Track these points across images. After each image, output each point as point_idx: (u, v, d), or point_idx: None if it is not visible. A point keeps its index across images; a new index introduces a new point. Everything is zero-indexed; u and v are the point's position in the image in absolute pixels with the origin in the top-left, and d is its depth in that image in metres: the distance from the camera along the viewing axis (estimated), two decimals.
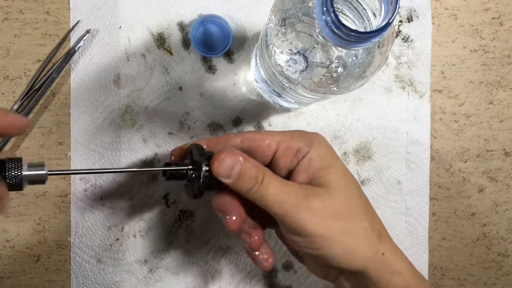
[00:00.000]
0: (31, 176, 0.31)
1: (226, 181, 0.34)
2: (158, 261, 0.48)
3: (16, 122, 0.31)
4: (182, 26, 0.48)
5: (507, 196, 0.50)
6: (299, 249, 0.36)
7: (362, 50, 0.33)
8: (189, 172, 0.36)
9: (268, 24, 0.34)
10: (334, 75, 0.34)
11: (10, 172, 0.31)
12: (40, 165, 0.31)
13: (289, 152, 0.36)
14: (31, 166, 0.31)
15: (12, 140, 0.47)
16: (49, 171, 0.32)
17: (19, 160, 0.31)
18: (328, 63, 0.34)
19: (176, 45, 0.48)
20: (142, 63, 0.48)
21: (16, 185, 0.31)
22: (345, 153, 0.49)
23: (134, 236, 0.48)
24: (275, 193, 0.34)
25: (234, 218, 0.36)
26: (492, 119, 0.50)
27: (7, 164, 0.31)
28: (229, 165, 0.34)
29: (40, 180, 0.32)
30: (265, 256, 0.38)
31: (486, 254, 0.50)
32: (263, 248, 0.38)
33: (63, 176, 0.48)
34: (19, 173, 0.31)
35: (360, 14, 0.33)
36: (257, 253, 0.38)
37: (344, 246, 0.35)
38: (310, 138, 0.37)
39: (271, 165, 0.37)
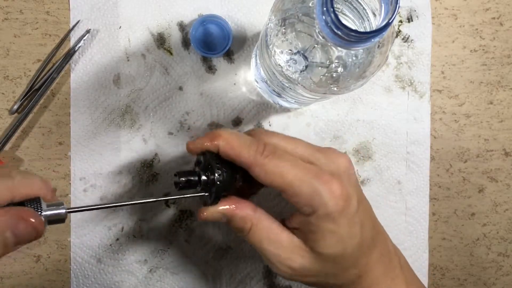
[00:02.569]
0: (51, 216, 0.30)
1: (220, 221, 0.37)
2: (158, 261, 0.48)
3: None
4: (182, 26, 0.48)
5: (507, 196, 0.50)
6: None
7: (362, 50, 0.33)
8: (201, 180, 0.36)
9: (268, 24, 0.34)
10: (334, 75, 0.34)
11: None
12: (59, 204, 0.30)
13: (291, 202, 0.35)
14: (50, 205, 0.30)
15: (12, 140, 0.47)
16: (67, 209, 0.30)
17: (38, 201, 0.30)
18: (328, 63, 0.34)
19: (176, 45, 0.48)
20: (142, 63, 0.48)
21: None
22: (345, 153, 0.49)
23: (134, 236, 0.48)
24: (261, 245, 0.36)
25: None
26: (492, 119, 0.50)
27: (26, 205, 0.29)
28: (216, 218, 0.36)
29: (59, 219, 0.30)
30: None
31: (486, 254, 0.50)
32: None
33: (63, 177, 0.48)
34: (39, 213, 0.30)
35: (360, 14, 0.33)
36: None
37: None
38: (317, 200, 0.33)
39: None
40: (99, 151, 0.48)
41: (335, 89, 0.34)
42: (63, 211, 0.30)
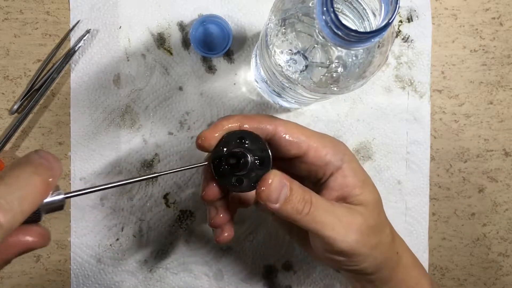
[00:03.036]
0: (47, 205, 0.27)
1: (273, 206, 0.31)
2: (158, 261, 0.48)
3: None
4: (182, 26, 0.48)
5: (507, 196, 0.50)
6: (337, 265, 0.36)
7: (362, 50, 0.33)
8: (249, 160, 0.32)
9: (268, 24, 0.34)
10: (334, 75, 0.34)
11: None
12: (55, 190, 0.27)
13: (318, 161, 0.34)
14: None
15: (12, 140, 0.47)
16: (66, 193, 0.28)
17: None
18: (328, 63, 0.34)
19: (176, 45, 0.48)
20: (142, 63, 0.48)
21: (34, 218, 0.27)
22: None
23: (134, 236, 0.48)
24: (325, 217, 0.32)
25: (226, 234, 0.36)
26: (492, 119, 0.50)
27: None
28: (277, 189, 0.31)
29: (58, 206, 0.27)
30: (225, 233, 0.36)
31: (486, 254, 0.50)
32: (228, 228, 0.37)
33: (63, 177, 0.48)
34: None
35: (360, 14, 0.33)
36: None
37: (376, 259, 0.35)
38: (341, 151, 0.35)
39: (292, 166, 0.36)
40: (99, 151, 0.48)
41: (335, 89, 0.34)
42: (61, 196, 0.27)
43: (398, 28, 0.49)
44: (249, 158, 0.32)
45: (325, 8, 0.28)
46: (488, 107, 0.50)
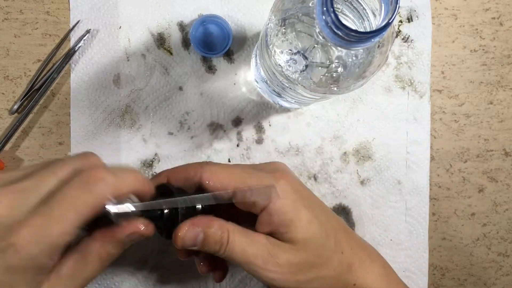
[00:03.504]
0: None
1: (193, 248, 0.35)
2: (158, 261, 0.48)
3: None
4: (182, 26, 0.48)
5: (507, 196, 0.50)
6: None
7: (362, 50, 0.33)
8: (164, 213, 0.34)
9: (268, 24, 0.34)
10: (334, 75, 0.34)
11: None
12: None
13: (246, 202, 0.35)
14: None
15: (12, 140, 0.47)
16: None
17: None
18: (328, 63, 0.34)
19: (176, 45, 0.48)
20: (142, 63, 0.48)
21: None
22: (345, 153, 0.49)
23: None
24: (242, 253, 0.34)
25: (219, 274, 0.40)
26: (492, 119, 0.50)
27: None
28: (192, 237, 0.34)
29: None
30: (218, 274, 0.40)
31: (486, 254, 0.50)
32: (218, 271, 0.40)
33: None
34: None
35: (360, 14, 0.33)
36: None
37: None
38: (268, 189, 0.35)
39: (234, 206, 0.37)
40: (99, 151, 0.48)
41: (335, 89, 0.34)
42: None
43: (398, 28, 0.49)
44: (164, 213, 0.34)
45: (325, 8, 0.28)
46: (488, 107, 0.50)
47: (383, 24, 0.28)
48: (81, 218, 0.28)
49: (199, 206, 0.35)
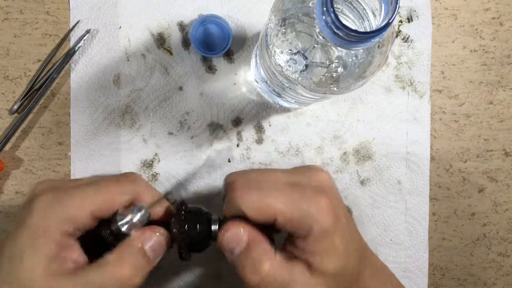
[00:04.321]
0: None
1: (228, 254, 0.35)
2: (158, 261, 0.48)
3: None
4: (182, 26, 0.48)
5: (507, 196, 0.50)
6: None
7: (362, 50, 0.33)
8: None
9: (268, 24, 0.34)
10: (334, 75, 0.34)
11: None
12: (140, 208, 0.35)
13: (286, 229, 0.34)
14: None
15: (12, 140, 0.47)
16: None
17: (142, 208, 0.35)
18: (328, 63, 0.34)
19: (176, 45, 0.48)
20: (142, 63, 0.48)
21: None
22: (345, 153, 0.49)
23: None
24: (282, 280, 0.34)
25: None
26: (492, 119, 0.50)
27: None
28: (234, 241, 0.34)
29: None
30: None
31: (486, 254, 0.50)
32: None
33: (63, 177, 0.48)
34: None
35: (360, 14, 0.33)
36: None
37: None
38: (310, 218, 0.33)
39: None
40: (99, 151, 0.48)
41: (335, 89, 0.34)
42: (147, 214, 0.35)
43: (398, 28, 0.49)
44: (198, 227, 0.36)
45: (325, 8, 0.28)
46: (488, 107, 0.50)
47: (383, 24, 0.28)
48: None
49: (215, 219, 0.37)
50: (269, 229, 0.36)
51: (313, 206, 0.33)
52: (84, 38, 0.47)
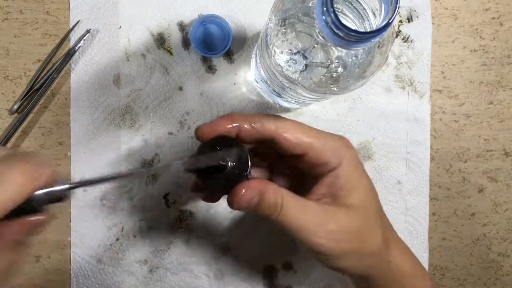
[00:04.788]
0: (45, 195, 0.30)
1: (244, 210, 0.35)
2: (158, 261, 0.48)
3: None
4: (182, 26, 0.48)
5: (507, 196, 0.50)
6: (315, 259, 0.37)
7: (362, 50, 0.33)
8: (229, 165, 0.33)
9: (268, 24, 0.34)
10: (334, 75, 0.34)
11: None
12: (58, 182, 0.30)
13: (317, 161, 0.36)
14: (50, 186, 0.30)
15: (12, 140, 0.47)
16: (69, 184, 0.31)
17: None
18: (328, 63, 0.34)
19: (176, 45, 0.48)
20: (142, 63, 0.48)
21: (30, 208, 0.30)
22: None
23: (134, 236, 0.48)
24: (295, 219, 0.34)
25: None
26: (492, 119, 0.50)
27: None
28: (247, 200, 0.34)
29: (57, 197, 0.30)
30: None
31: (486, 254, 0.50)
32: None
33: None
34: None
35: (360, 14, 0.33)
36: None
37: (355, 264, 0.36)
38: (341, 151, 0.36)
39: (292, 160, 0.37)
40: (99, 151, 0.48)
41: (335, 89, 0.34)
42: (63, 187, 0.30)
43: (398, 28, 0.49)
44: (228, 164, 0.33)
45: (325, 8, 0.28)
46: (488, 107, 0.50)
47: (383, 24, 0.28)
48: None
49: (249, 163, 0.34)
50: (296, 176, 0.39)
51: (341, 141, 0.37)
52: (84, 38, 0.47)
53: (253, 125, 0.35)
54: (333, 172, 0.36)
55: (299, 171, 0.38)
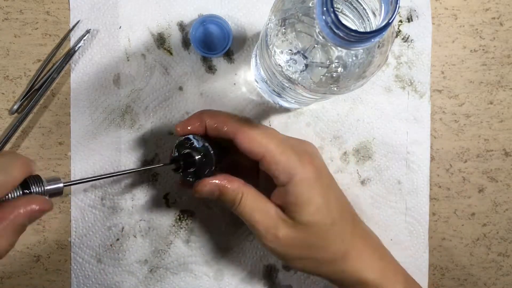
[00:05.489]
0: (51, 190, 0.34)
1: (211, 197, 0.39)
2: (158, 261, 0.48)
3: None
4: (182, 26, 0.48)
5: (507, 196, 0.50)
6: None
7: (362, 50, 0.33)
8: (196, 159, 0.40)
9: (268, 24, 0.34)
10: (334, 75, 0.34)
11: (34, 189, 0.33)
12: (56, 179, 0.35)
13: (268, 172, 0.39)
14: (49, 181, 0.34)
15: (12, 140, 0.47)
16: (64, 183, 0.35)
17: (40, 179, 0.34)
18: (328, 63, 0.34)
19: (176, 45, 0.48)
20: (142, 63, 0.48)
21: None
22: (345, 153, 0.49)
23: (134, 236, 0.48)
24: (249, 216, 0.38)
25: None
26: (492, 119, 0.50)
27: (29, 181, 0.33)
28: (209, 191, 0.39)
29: (58, 192, 0.35)
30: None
31: (486, 254, 0.50)
32: None
33: (63, 177, 0.48)
34: (42, 189, 0.34)
35: (360, 14, 0.33)
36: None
37: (313, 268, 0.40)
38: (294, 169, 0.38)
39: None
40: (99, 151, 0.48)
41: (335, 89, 0.34)
42: (61, 185, 0.35)
43: (398, 28, 0.49)
44: (196, 158, 0.39)
45: (325, 8, 0.28)
46: (488, 107, 0.50)
47: (383, 24, 0.28)
48: None
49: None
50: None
51: (299, 158, 0.38)
52: (84, 38, 0.47)
53: (215, 125, 0.39)
54: (284, 187, 0.38)
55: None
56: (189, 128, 0.40)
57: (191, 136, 0.40)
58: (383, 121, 0.49)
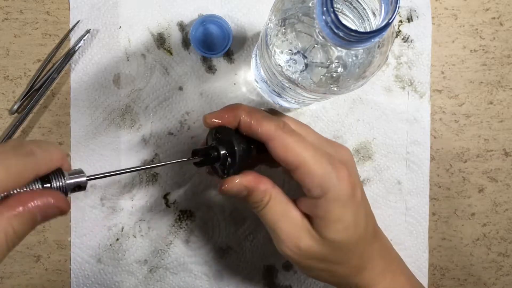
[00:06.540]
0: (73, 184, 0.30)
1: (237, 197, 0.36)
2: (158, 261, 0.48)
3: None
4: (182, 26, 0.48)
5: (507, 196, 0.50)
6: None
7: (362, 50, 0.33)
8: (221, 154, 0.36)
9: (268, 24, 0.34)
10: (334, 75, 0.34)
11: (54, 184, 0.30)
12: (79, 172, 0.31)
13: (301, 183, 0.35)
14: (71, 174, 0.31)
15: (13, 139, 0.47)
16: (88, 176, 0.31)
17: (60, 172, 0.30)
18: (328, 63, 0.34)
19: (176, 45, 0.48)
20: (142, 63, 0.48)
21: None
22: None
23: (134, 236, 0.48)
24: (272, 221, 0.36)
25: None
26: (492, 119, 0.50)
27: (50, 178, 0.30)
28: (237, 191, 0.36)
29: (81, 187, 0.31)
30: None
31: (486, 254, 0.50)
32: None
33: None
34: (63, 183, 0.30)
35: (360, 14, 0.33)
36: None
37: (326, 278, 0.38)
38: (328, 183, 0.34)
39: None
40: (99, 151, 0.48)
41: (335, 89, 0.34)
42: (84, 179, 0.31)
43: (398, 28, 0.49)
44: (221, 154, 0.36)
45: (325, 8, 0.28)
46: (488, 107, 0.50)
47: (383, 24, 0.28)
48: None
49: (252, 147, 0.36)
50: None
51: (335, 171, 0.35)
52: (84, 38, 0.47)
53: (251, 124, 0.35)
54: (315, 200, 0.35)
55: None
56: (219, 121, 0.36)
57: (221, 128, 0.36)
58: (383, 121, 0.49)
